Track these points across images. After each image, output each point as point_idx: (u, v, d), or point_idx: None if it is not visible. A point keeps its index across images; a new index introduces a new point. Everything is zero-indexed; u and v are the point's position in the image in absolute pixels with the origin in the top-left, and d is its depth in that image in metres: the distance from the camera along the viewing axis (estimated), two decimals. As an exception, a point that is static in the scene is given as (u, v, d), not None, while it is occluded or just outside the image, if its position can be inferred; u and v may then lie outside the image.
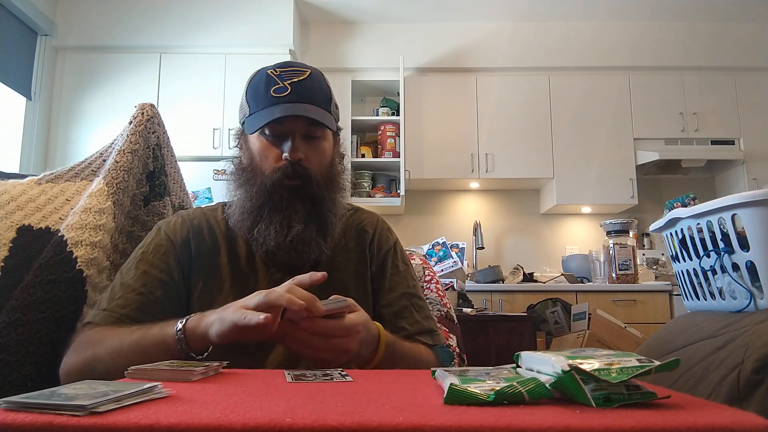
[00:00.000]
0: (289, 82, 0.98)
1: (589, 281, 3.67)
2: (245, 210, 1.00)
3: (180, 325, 0.82)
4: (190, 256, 1.02)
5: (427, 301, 1.35)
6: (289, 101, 0.97)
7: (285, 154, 0.98)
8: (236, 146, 1.08)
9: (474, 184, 4.20)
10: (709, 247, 0.97)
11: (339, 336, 0.79)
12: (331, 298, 0.82)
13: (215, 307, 0.86)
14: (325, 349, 0.79)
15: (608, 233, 3.45)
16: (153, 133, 1.31)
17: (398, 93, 4.03)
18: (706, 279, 1.01)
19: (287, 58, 3.65)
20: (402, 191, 3.90)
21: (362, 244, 1.10)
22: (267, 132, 0.99)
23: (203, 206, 1.16)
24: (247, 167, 1.02)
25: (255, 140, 1.01)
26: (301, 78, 0.99)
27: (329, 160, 1.05)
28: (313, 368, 0.77)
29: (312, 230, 0.99)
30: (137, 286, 0.95)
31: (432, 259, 3.19)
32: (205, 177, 3.53)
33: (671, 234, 1.12)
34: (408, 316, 1.05)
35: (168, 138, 1.39)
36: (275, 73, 1.00)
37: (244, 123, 1.04)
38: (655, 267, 3.76)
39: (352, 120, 3.96)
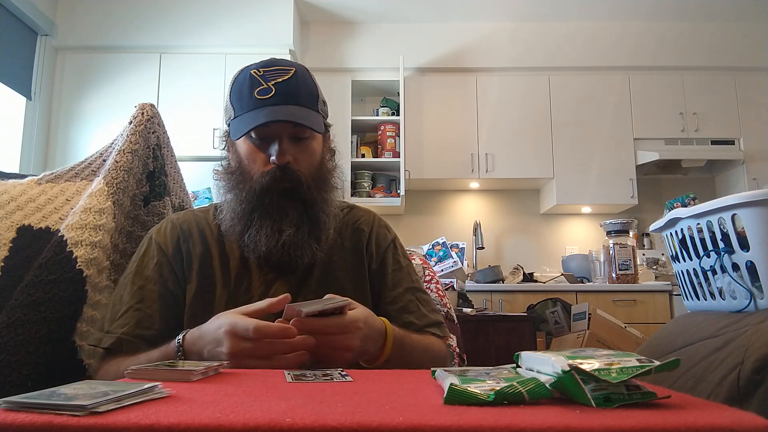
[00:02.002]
0: (273, 82, 0.97)
1: (589, 281, 3.67)
2: (236, 214, 0.99)
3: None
4: (182, 262, 1.02)
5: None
6: (274, 103, 0.96)
7: (272, 158, 0.96)
8: (224, 148, 1.07)
9: (474, 184, 4.20)
10: (709, 247, 0.97)
11: (337, 333, 0.78)
12: (326, 297, 0.82)
13: (208, 309, 0.86)
14: (324, 347, 0.78)
15: (608, 233, 3.45)
16: (153, 133, 1.31)
17: (398, 93, 4.03)
18: (706, 279, 1.01)
19: (288, 58, 3.65)
20: (402, 191, 3.90)
21: (359, 242, 1.09)
22: (253, 135, 0.98)
23: (195, 208, 1.16)
24: (236, 170, 1.01)
25: (242, 143, 1.00)
26: (286, 77, 0.98)
27: (319, 159, 1.04)
28: (313, 368, 0.77)
29: (304, 233, 0.98)
30: (134, 303, 0.97)
31: (432, 259, 3.19)
32: (205, 177, 3.51)
33: (671, 234, 1.12)
34: (415, 310, 1.04)
35: (168, 138, 1.38)
36: (258, 73, 0.98)
37: (229, 125, 1.03)
38: (655, 267, 3.76)
39: (352, 120, 3.96)
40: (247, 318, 0.78)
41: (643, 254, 3.92)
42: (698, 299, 1.06)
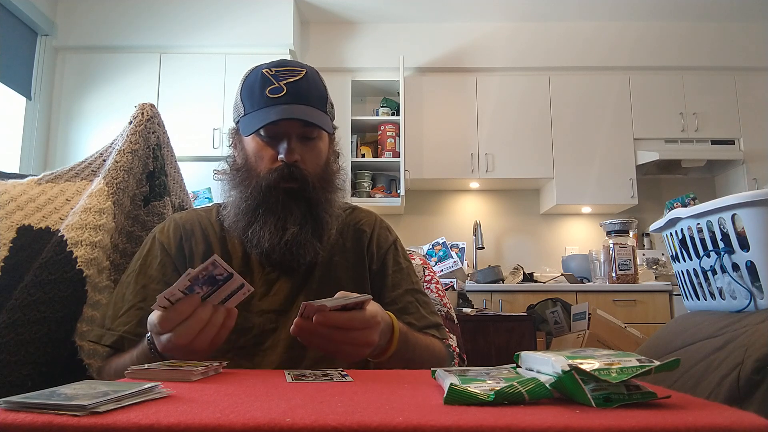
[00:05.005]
0: (284, 82, 0.98)
1: (589, 281, 3.67)
2: (240, 211, 1.00)
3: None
4: (185, 261, 1.02)
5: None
6: (285, 102, 0.97)
7: (281, 156, 0.97)
8: (230, 145, 1.08)
9: (474, 184, 4.20)
10: (709, 247, 0.97)
11: (358, 328, 0.78)
12: (337, 294, 0.82)
13: None
14: (345, 343, 0.78)
15: (608, 233, 3.45)
16: (153, 133, 1.31)
17: (398, 93, 4.03)
18: (706, 279, 1.01)
19: (287, 58, 3.64)
20: (402, 191, 3.90)
21: (360, 243, 1.10)
22: (262, 133, 0.98)
23: (198, 207, 1.16)
24: (242, 167, 1.02)
25: (250, 140, 1.01)
26: (297, 78, 0.99)
27: (324, 160, 1.05)
28: (314, 368, 0.77)
29: (307, 232, 0.98)
30: (137, 302, 0.97)
31: (432, 259, 3.19)
32: (205, 177, 3.53)
33: (671, 234, 1.12)
34: (414, 311, 1.05)
35: (168, 138, 1.38)
36: (270, 72, 0.99)
37: (238, 122, 1.04)
38: (655, 267, 3.76)
39: (352, 120, 3.96)
40: (153, 314, 0.77)
41: (643, 254, 3.92)
42: (698, 299, 1.06)
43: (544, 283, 3.59)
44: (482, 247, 4.01)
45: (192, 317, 0.75)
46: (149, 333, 0.84)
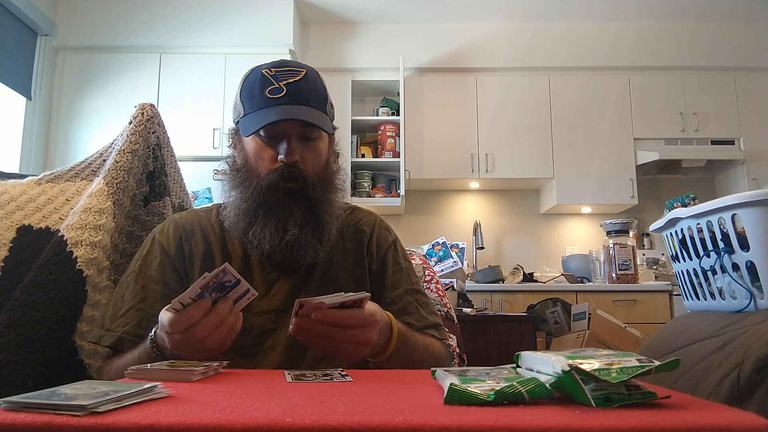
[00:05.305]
0: (284, 82, 0.98)
1: (589, 281, 3.67)
2: (240, 212, 1.00)
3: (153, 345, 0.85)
4: (184, 261, 1.02)
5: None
6: (285, 103, 0.97)
7: (281, 156, 0.97)
8: (230, 145, 1.08)
9: (474, 184, 4.20)
10: (709, 247, 0.97)
11: (357, 326, 0.78)
12: (334, 294, 0.82)
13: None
14: (344, 341, 0.78)
15: (608, 233, 3.45)
16: (153, 133, 1.31)
17: (398, 93, 4.03)
18: (706, 279, 1.01)
19: (287, 58, 3.64)
20: (402, 191, 3.90)
21: (360, 244, 1.10)
22: (262, 133, 0.99)
23: (198, 208, 1.16)
24: (242, 168, 1.02)
25: (250, 141, 1.01)
26: (297, 78, 0.99)
27: (324, 161, 1.05)
28: (314, 368, 0.77)
29: (308, 233, 0.98)
30: (136, 302, 0.97)
31: (432, 259, 3.19)
32: (205, 177, 3.53)
33: (671, 234, 1.12)
34: (414, 311, 1.05)
35: (168, 138, 1.38)
36: (270, 73, 0.99)
37: (238, 123, 1.04)
38: (655, 267, 3.76)
39: (352, 120, 3.96)
40: (165, 313, 0.77)
41: (643, 254, 3.92)
42: (698, 299, 1.06)
43: (544, 283, 3.59)
44: (482, 247, 4.01)
45: (212, 312, 0.76)
46: (151, 332, 0.84)
